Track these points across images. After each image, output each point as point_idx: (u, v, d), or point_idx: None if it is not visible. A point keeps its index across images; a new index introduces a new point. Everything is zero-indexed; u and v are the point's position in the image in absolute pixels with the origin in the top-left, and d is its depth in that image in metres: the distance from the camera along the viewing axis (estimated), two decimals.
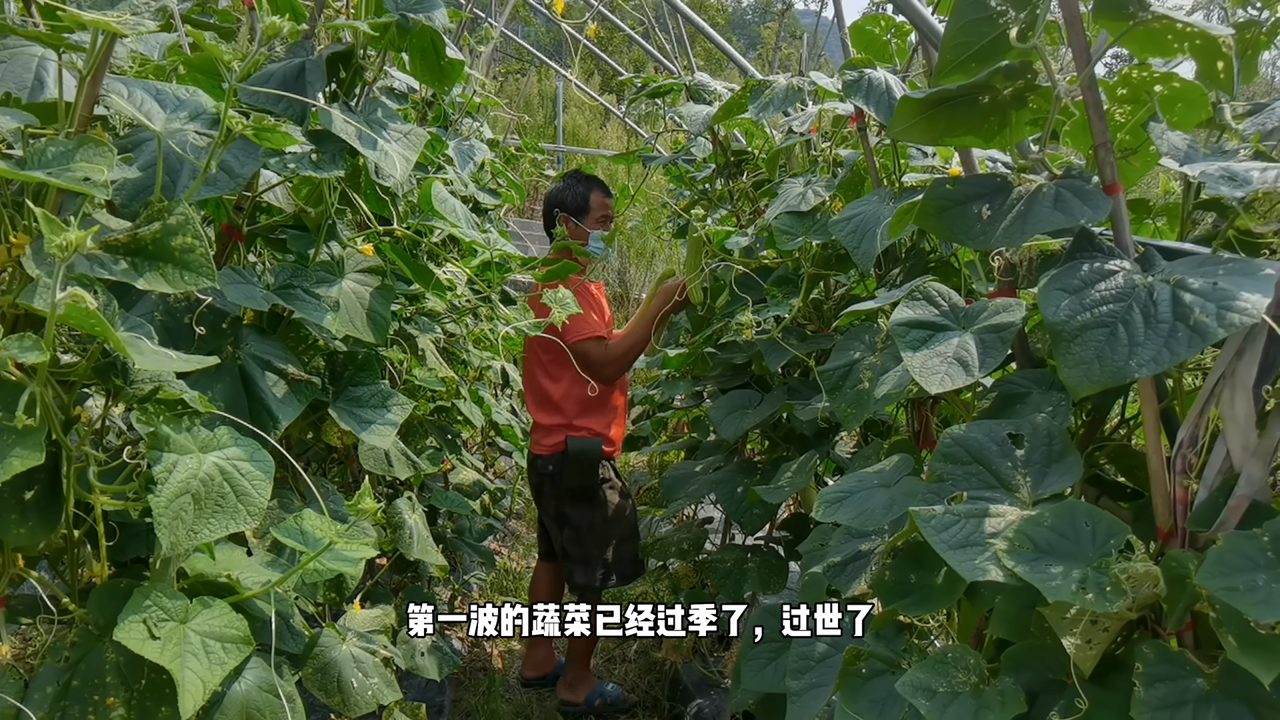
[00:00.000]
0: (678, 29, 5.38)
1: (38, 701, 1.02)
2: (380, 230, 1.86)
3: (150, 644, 0.99)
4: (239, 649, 1.06)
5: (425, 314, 2.48)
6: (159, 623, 1.02)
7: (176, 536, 0.97)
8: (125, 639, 0.98)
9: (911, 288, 1.30)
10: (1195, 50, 1.04)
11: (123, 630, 0.99)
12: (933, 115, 1.19)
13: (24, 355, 0.86)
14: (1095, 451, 1.28)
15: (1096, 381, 0.92)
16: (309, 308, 1.40)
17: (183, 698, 0.97)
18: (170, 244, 1.01)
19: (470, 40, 3.47)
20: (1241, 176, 1.02)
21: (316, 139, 1.37)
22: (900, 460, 1.41)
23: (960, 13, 1.09)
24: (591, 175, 3.20)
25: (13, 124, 0.96)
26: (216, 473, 1.02)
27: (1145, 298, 0.94)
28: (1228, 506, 0.94)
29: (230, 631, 1.07)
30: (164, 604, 1.04)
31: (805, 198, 2.10)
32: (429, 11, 1.42)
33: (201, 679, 1.00)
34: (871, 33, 2.00)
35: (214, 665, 1.02)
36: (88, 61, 1.02)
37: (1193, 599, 0.92)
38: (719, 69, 15.47)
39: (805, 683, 1.40)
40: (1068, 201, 1.05)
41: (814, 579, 1.58)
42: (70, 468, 1.03)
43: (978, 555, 0.99)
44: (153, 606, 1.03)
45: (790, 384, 2.35)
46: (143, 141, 1.18)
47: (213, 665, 1.02)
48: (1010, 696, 1.00)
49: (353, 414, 1.58)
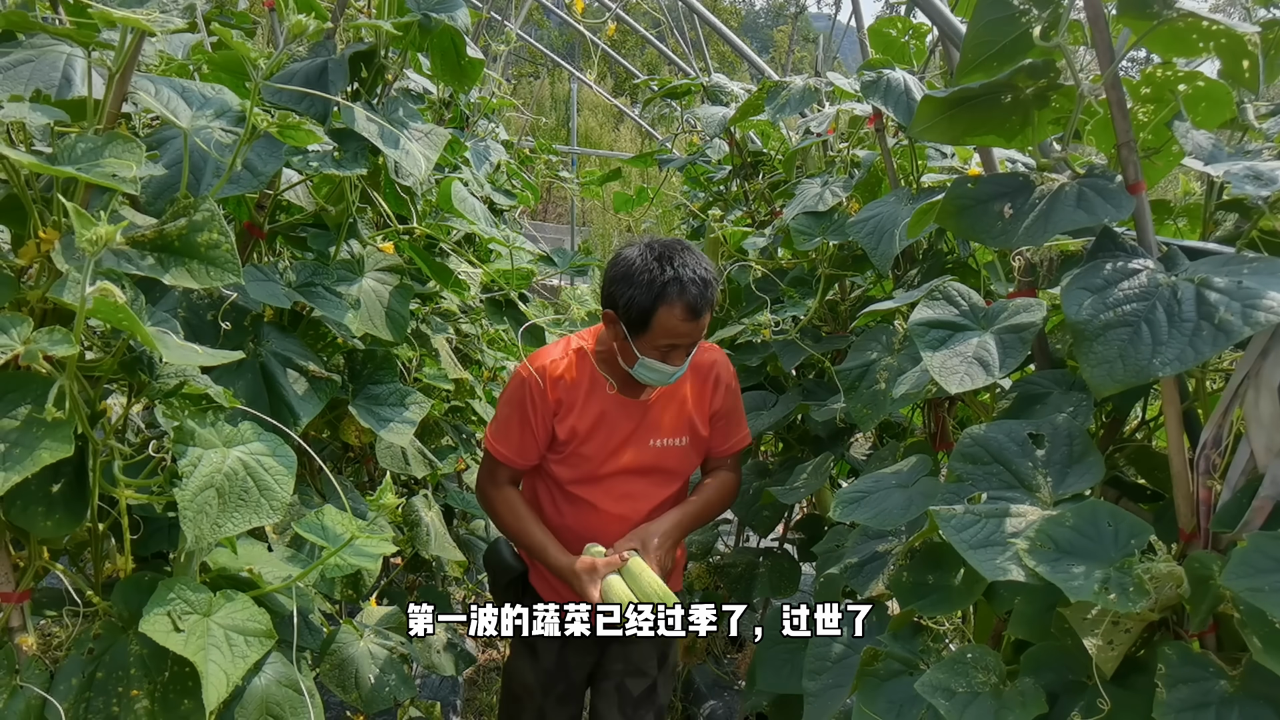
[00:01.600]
0: (693, 31, 5.39)
1: (63, 693, 1.03)
2: (400, 229, 1.87)
3: (175, 636, 1.00)
4: (261, 642, 1.07)
5: (440, 314, 2.49)
6: (183, 615, 1.03)
7: (201, 530, 0.98)
8: (151, 631, 0.99)
9: (931, 288, 1.30)
10: (1220, 49, 1.04)
11: (148, 623, 1.00)
12: (954, 114, 1.19)
13: (54, 348, 0.87)
14: (1115, 453, 1.27)
15: (1120, 381, 0.92)
16: (330, 305, 1.41)
17: (206, 690, 0.98)
18: (196, 240, 1.02)
19: (489, 40, 3.48)
20: (1267, 176, 1.02)
21: (338, 137, 1.38)
22: (917, 461, 1.41)
23: (982, 12, 1.09)
24: (676, 269, 1.80)
25: (43, 120, 0.97)
26: (240, 467, 1.03)
27: (1169, 296, 0.94)
28: (1252, 507, 0.94)
29: (253, 625, 1.08)
30: (188, 597, 1.05)
31: (823, 198, 2.10)
32: (451, 11, 1.43)
33: (225, 671, 1.00)
34: (889, 34, 2.01)
35: (237, 658, 1.03)
36: (117, 59, 1.03)
37: (1216, 600, 0.92)
38: (732, 72, 15.48)
39: (822, 683, 1.40)
40: (1091, 200, 1.05)
41: (830, 580, 1.58)
42: (96, 461, 1.04)
43: (998, 555, 0.98)
44: (177, 599, 1.04)
45: (805, 385, 2.34)
46: (168, 139, 1.20)
47: (235, 658, 1.03)
48: (1031, 697, 1.00)
49: (372, 412, 1.60)
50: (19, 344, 0.89)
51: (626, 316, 1.83)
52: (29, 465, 0.87)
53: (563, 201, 11.77)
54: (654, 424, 2.01)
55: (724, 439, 2.10)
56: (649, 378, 1.90)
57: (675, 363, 1.87)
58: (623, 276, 1.83)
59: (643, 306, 1.79)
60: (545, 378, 1.95)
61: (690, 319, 1.80)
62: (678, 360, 1.87)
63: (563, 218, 12.15)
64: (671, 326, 1.81)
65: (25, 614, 1.08)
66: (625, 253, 1.88)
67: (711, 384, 2.06)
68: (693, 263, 1.82)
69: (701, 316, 1.82)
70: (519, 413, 1.96)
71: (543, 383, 1.95)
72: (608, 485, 2.01)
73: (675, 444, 2.04)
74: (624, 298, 1.81)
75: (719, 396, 2.07)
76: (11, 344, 0.89)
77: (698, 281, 1.79)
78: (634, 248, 1.87)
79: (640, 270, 1.81)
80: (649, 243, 1.86)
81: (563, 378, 1.96)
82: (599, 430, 1.97)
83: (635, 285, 1.80)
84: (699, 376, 2.05)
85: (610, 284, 1.87)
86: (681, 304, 1.78)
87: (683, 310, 1.79)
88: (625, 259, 1.86)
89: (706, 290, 1.81)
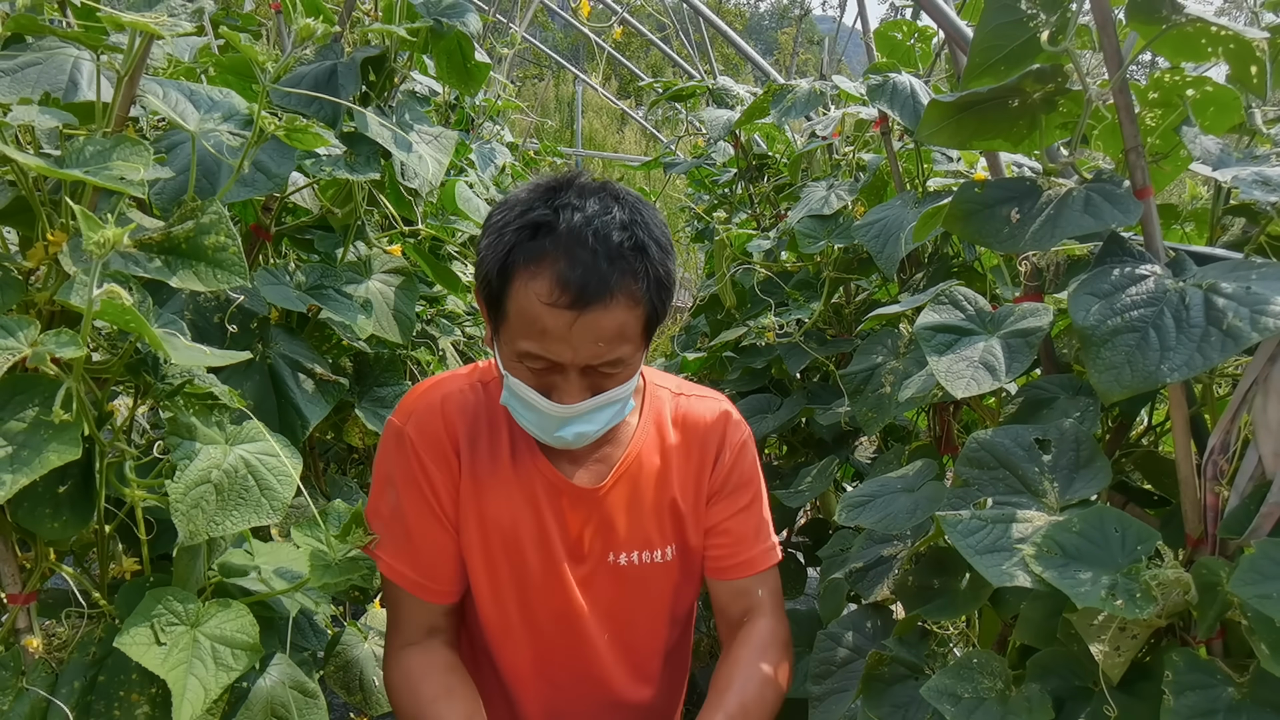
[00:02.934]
0: (698, 33, 5.39)
1: (66, 695, 1.03)
2: (405, 231, 1.87)
3: (152, 651, 0.98)
4: (247, 655, 1.04)
5: (445, 316, 2.50)
6: (167, 628, 1.01)
7: (195, 526, 0.97)
8: (126, 646, 0.97)
9: (937, 292, 1.30)
10: (1229, 54, 1.04)
11: (125, 638, 0.98)
12: (961, 119, 1.19)
13: (62, 350, 0.87)
14: (1122, 458, 1.27)
15: (1127, 386, 0.92)
16: (341, 308, 1.41)
17: (179, 706, 0.94)
18: (203, 242, 1.03)
19: (494, 43, 3.49)
20: (1275, 181, 1.01)
21: (348, 141, 1.39)
22: (923, 465, 1.41)
23: (990, 16, 1.09)
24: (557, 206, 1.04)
25: (51, 122, 0.97)
26: (242, 465, 1.02)
27: (1177, 302, 0.94)
28: (1260, 514, 0.93)
29: (240, 637, 1.05)
30: (175, 608, 1.04)
31: (828, 201, 2.10)
32: (462, 16, 1.43)
33: (205, 686, 0.98)
34: (895, 38, 2.01)
35: (220, 670, 1.01)
36: (125, 62, 1.04)
37: (1224, 606, 0.91)
38: (736, 74, 15.49)
39: (827, 687, 1.40)
40: (1098, 205, 1.04)
41: (835, 585, 1.58)
42: (103, 463, 1.04)
43: (1005, 560, 0.98)
44: (163, 611, 1.02)
45: (809, 388, 2.34)
46: (177, 143, 1.20)
47: (219, 671, 1.01)
48: (1037, 703, 1.00)
49: (377, 414, 1.60)
50: (26, 346, 0.89)
51: (485, 290, 1.07)
52: (37, 468, 0.88)
53: None
54: (612, 524, 1.22)
55: (733, 546, 1.29)
56: (528, 423, 1.12)
57: (559, 395, 1.06)
58: (485, 224, 1.09)
59: (489, 271, 1.04)
60: (440, 419, 1.18)
61: (570, 305, 0.98)
62: (564, 392, 1.06)
63: None
64: (533, 315, 1.00)
65: (32, 615, 1.09)
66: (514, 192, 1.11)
67: (714, 451, 1.28)
68: (598, 202, 1.03)
69: (596, 304, 0.99)
70: (409, 491, 1.18)
71: (438, 427, 1.17)
72: (543, 643, 1.24)
73: (655, 559, 1.24)
74: (479, 257, 1.08)
75: (721, 470, 1.28)
76: (19, 346, 0.89)
77: (598, 232, 0.99)
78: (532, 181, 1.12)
79: (504, 205, 1.07)
80: (550, 176, 1.11)
81: (466, 424, 1.19)
82: (522, 529, 1.18)
83: (488, 232, 1.06)
84: (692, 440, 1.27)
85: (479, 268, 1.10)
86: (551, 272, 0.98)
87: (551, 284, 0.98)
88: (506, 197, 1.11)
89: (615, 253, 0.99)
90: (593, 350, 1.02)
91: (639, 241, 1.03)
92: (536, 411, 1.08)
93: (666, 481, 1.25)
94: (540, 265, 1.00)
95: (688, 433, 1.28)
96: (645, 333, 1.09)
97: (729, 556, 1.30)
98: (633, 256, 1.02)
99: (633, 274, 1.02)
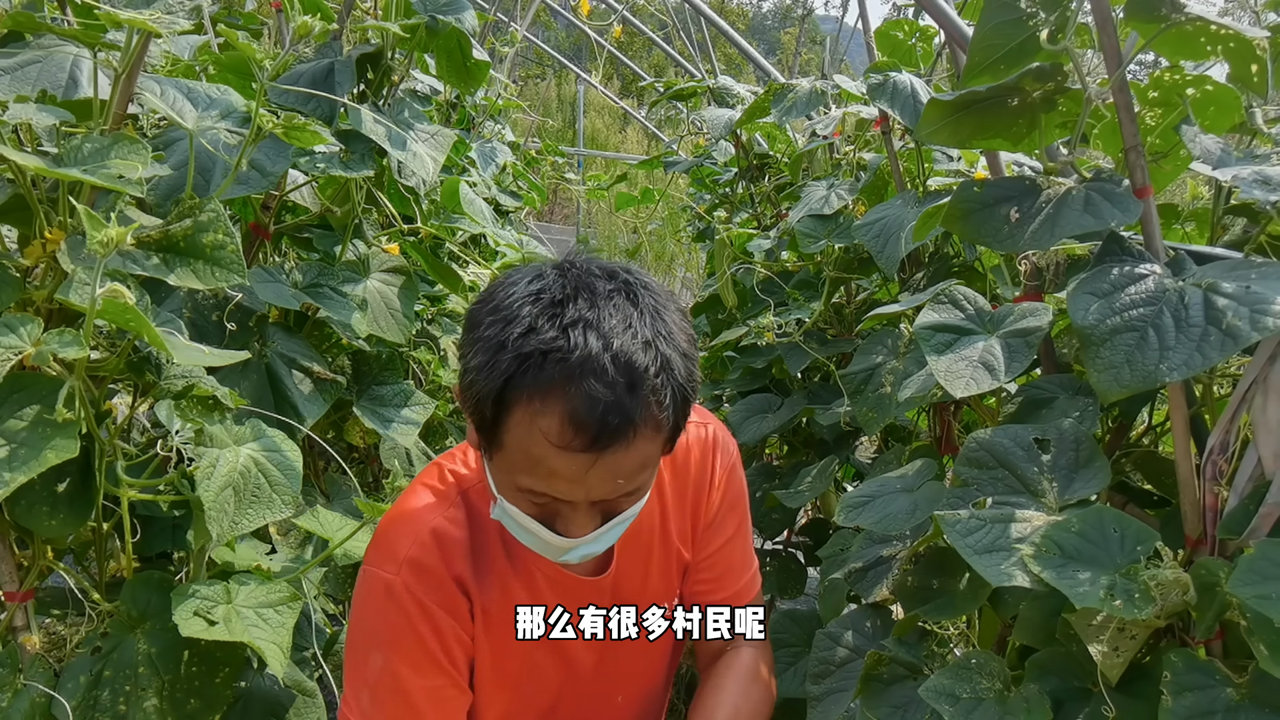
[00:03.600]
0: (700, 33, 5.39)
1: (70, 691, 1.03)
2: (405, 229, 1.87)
3: (216, 629, 1.03)
4: (290, 607, 1.10)
5: (447, 315, 2.49)
6: (210, 609, 1.06)
7: (222, 528, 1.01)
8: (189, 631, 1.02)
9: (937, 291, 1.30)
10: (1229, 53, 1.03)
11: (185, 625, 1.02)
12: (961, 118, 1.19)
13: (64, 350, 0.87)
14: (1122, 458, 1.27)
15: (1127, 386, 0.92)
16: (337, 306, 1.41)
17: (270, 663, 1.03)
18: (201, 241, 1.03)
19: (495, 42, 3.48)
20: (1275, 181, 1.01)
21: (345, 139, 1.39)
22: (923, 465, 1.40)
23: (989, 15, 1.09)
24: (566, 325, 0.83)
25: (50, 120, 0.97)
26: (252, 465, 1.04)
27: (1176, 301, 0.93)
28: (1259, 514, 0.93)
29: (276, 595, 1.11)
30: (205, 593, 1.08)
31: (829, 201, 2.09)
32: (458, 13, 1.43)
33: (274, 643, 1.05)
34: (896, 37, 2.01)
35: (278, 627, 1.07)
36: (123, 60, 1.04)
37: (1223, 607, 0.91)
38: (738, 74, 15.48)
39: (826, 687, 1.39)
40: (1098, 204, 1.04)
41: (834, 585, 1.58)
42: (101, 461, 1.04)
43: (1004, 560, 0.98)
44: (197, 597, 1.07)
45: (810, 388, 2.34)
46: (174, 140, 1.20)
47: (277, 628, 1.07)
48: (1036, 703, 0.99)
49: (376, 412, 1.60)
50: (29, 344, 0.89)
51: (474, 412, 0.90)
52: (35, 466, 0.88)
53: (569, 203, 11.79)
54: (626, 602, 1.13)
55: (719, 580, 1.23)
56: (526, 543, 0.99)
57: (565, 526, 0.93)
58: (470, 323, 0.92)
59: (480, 395, 0.87)
60: (439, 559, 1.02)
61: (588, 448, 0.83)
62: (572, 523, 0.93)
63: (569, 219, 12.17)
64: (538, 455, 0.85)
65: (29, 613, 1.09)
66: (510, 276, 0.92)
67: (706, 489, 1.20)
68: (615, 313, 0.86)
69: (618, 444, 0.84)
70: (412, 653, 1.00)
71: (439, 571, 1.01)
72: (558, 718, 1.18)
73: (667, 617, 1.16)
74: (465, 369, 0.90)
75: (712, 505, 1.21)
76: (22, 345, 0.89)
77: (618, 357, 0.83)
78: (535, 268, 0.92)
79: (498, 315, 0.87)
80: (565, 261, 0.93)
81: (465, 556, 1.04)
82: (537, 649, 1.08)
83: (478, 346, 0.88)
84: (684, 480, 1.18)
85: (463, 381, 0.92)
86: (563, 409, 0.82)
87: (562, 424, 0.83)
88: (494, 289, 0.92)
89: (639, 380, 0.84)
90: (610, 488, 0.89)
91: (664, 360, 0.87)
92: (538, 539, 0.95)
93: (667, 533, 1.17)
94: (548, 400, 0.82)
95: (678, 473, 1.17)
96: (667, 449, 0.95)
97: (715, 591, 1.22)
98: (657, 380, 0.86)
99: (657, 401, 0.86)
